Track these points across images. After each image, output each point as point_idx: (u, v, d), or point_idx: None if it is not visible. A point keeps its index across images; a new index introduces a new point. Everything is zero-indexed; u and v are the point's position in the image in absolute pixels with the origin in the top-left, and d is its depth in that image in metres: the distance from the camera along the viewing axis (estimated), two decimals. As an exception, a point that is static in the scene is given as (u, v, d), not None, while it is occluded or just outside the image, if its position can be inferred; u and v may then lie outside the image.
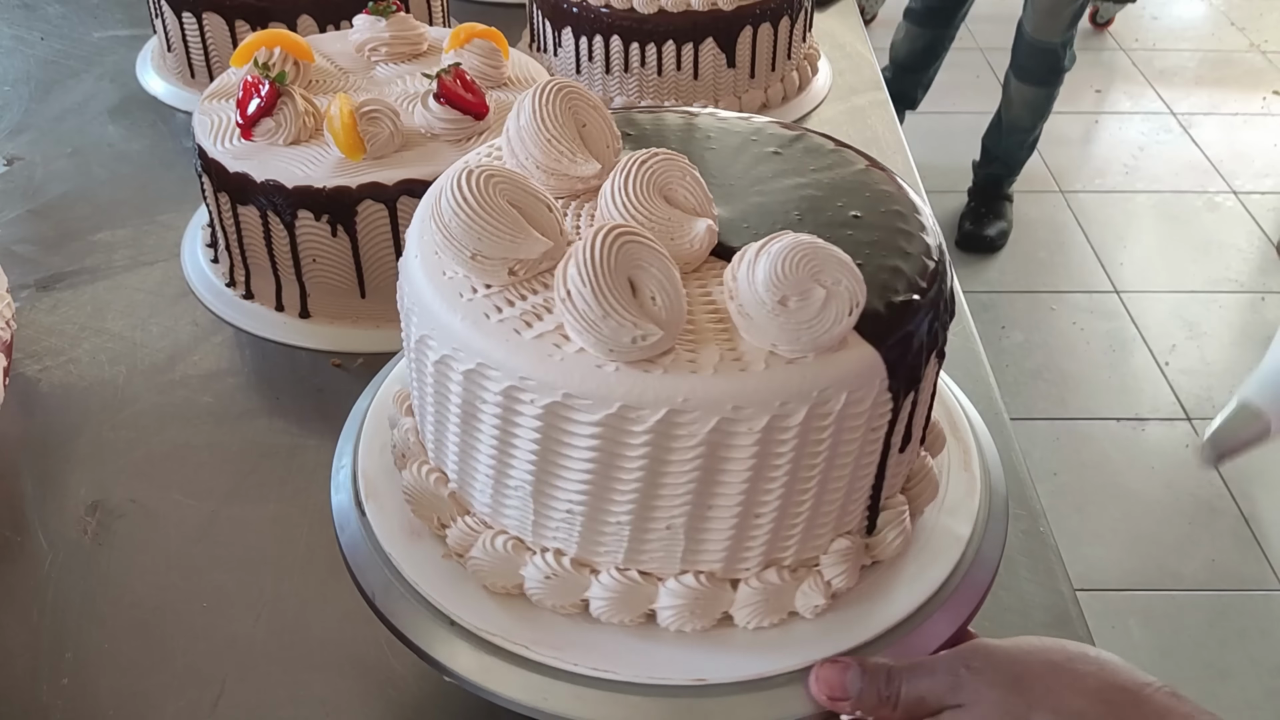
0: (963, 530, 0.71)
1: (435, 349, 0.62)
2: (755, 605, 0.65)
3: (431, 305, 0.62)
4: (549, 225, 0.62)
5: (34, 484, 0.95)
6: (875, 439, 0.63)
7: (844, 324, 0.58)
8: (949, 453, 0.76)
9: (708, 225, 0.63)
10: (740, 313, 0.58)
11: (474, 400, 0.61)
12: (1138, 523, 2.27)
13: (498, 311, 0.60)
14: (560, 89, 0.68)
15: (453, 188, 0.60)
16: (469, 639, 0.65)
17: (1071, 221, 3.14)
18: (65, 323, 1.12)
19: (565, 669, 0.63)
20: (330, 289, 1.05)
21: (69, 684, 0.79)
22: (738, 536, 0.63)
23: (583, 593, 0.65)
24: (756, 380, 0.57)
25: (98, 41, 1.64)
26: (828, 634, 0.65)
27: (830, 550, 0.66)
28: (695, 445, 0.58)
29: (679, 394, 0.56)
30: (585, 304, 0.56)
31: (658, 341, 0.57)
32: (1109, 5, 4.12)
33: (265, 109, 1.01)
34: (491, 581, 0.67)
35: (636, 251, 0.57)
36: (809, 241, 0.57)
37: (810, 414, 0.58)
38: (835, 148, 0.75)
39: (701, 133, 0.76)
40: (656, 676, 0.63)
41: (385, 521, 0.71)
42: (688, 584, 0.64)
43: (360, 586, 0.69)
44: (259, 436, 1.00)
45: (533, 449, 0.60)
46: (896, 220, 0.68)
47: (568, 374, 0.57)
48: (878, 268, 0.63)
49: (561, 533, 0.64)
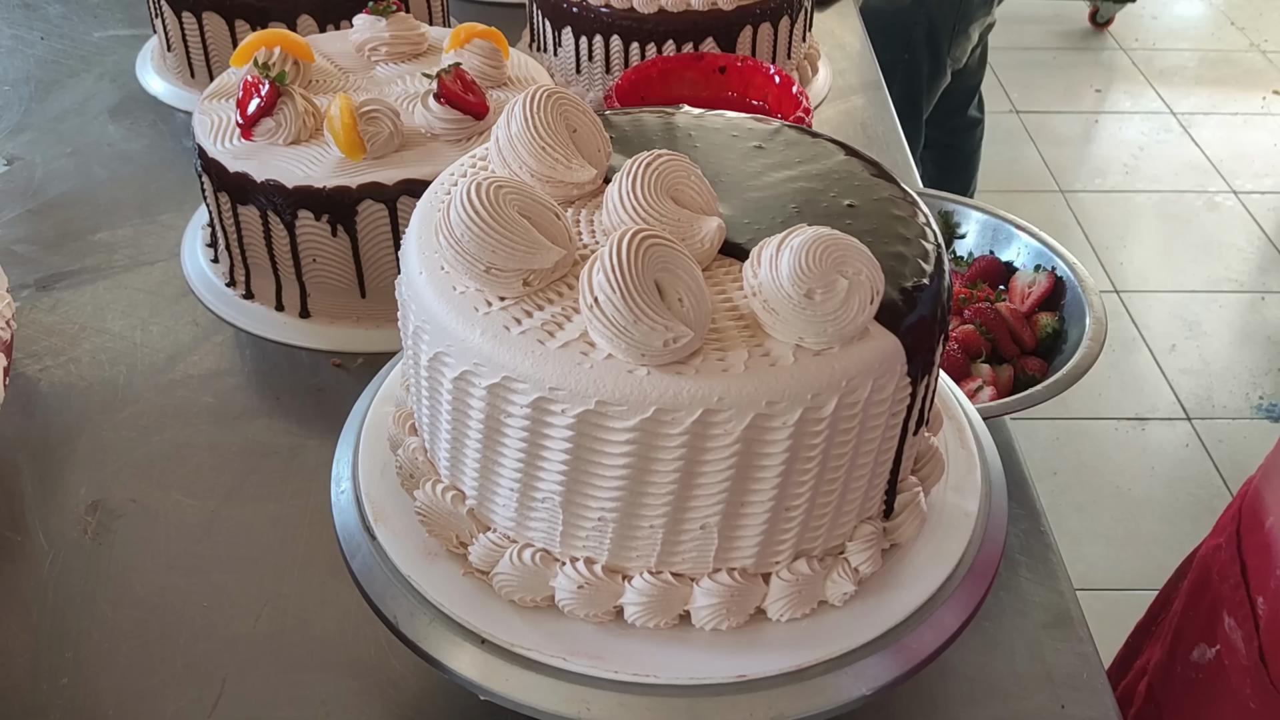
0: (970, 506, 0.73)
1: (453, 365, 0.61)
2: (788, 597, 0.65)
3: (446, 322, 0.61)
4: (559, 233, 0.62)
5: (34, 484, 0.95)
6: (896, 423, 0.64)
7: (867, 313, 0.58)
8: (946, 431, 0.78)
9: (718, 223, 0.63)
10: (766, 308, 0.59)
11: (498, 414, 0.61)
12: (1138, 523, 2.27)
13: (518, 323, 0.59)
14: (550, 95, 0.67)
15: (462, 201, 0.60)
16: (503, 656, 0.64)
17: (1072, 221, 3.14)
18: (65, 323, 1.12)
19: (606, 677, 0.63)
20: (330, 289, 1.05)
21: (69, 684, 0.79)
22: (770, 530, 0.63)
23: (616, 599, 0.65)
24: (788, 375, 0.57)
25: (98, 41, 1.64)
26: (858, 620, 0.66)
27: (855, 536, 0.67)
28: (731, 444, 0.58)
29: (713, 394, 0.57)
30: (615, 310, 0.56)
31: (688, 343, 0.57)
32: (1109, 5, 4.12)
33: (265, 109, 1.01)
34: (520, 596, 0.66)
35: (662, 254, 0.57)
36: (828, 234, 0.58)
37: (840, 404, 0.59)
38: (813, 139, 0.76)
39: (683, 131, 0.76)
40: (698, 677, 0.63)
41: (399, 544, 0.70)
42: (722, 582, 0.64)
43: (380, 612, 0.68)
44: (259, 436, 1.00)
45: (564, 459, 0.60)
46: (890, 207, 0.69)
47: (599, 381, 0.57)
48: (883, 255, 0.63)
49: (593, 541, 0.64)
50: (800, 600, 0.66)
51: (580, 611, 0.66)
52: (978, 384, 1.04)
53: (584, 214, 0.68)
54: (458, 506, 0.68)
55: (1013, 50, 3.90)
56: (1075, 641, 0.84)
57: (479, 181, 0.60)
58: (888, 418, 0.62)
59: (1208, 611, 0.90)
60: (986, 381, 1.04)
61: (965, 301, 1.12)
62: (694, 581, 0.65)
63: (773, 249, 0.58)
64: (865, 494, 0.66)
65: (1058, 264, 1.12)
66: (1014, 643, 0.84)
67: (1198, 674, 0.91)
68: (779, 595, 0.65)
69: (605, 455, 0.59)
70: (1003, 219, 1.19)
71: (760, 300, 0.59)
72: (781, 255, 0.58)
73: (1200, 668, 0.91)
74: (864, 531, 0.67)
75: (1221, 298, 2.89)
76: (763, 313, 0.59)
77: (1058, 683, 0.81)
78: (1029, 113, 3.66)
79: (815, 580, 0.66)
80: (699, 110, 0.79)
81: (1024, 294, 1.12)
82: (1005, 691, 0.81)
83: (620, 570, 0.65)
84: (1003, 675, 0.82)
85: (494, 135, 0.69)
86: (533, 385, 0.58)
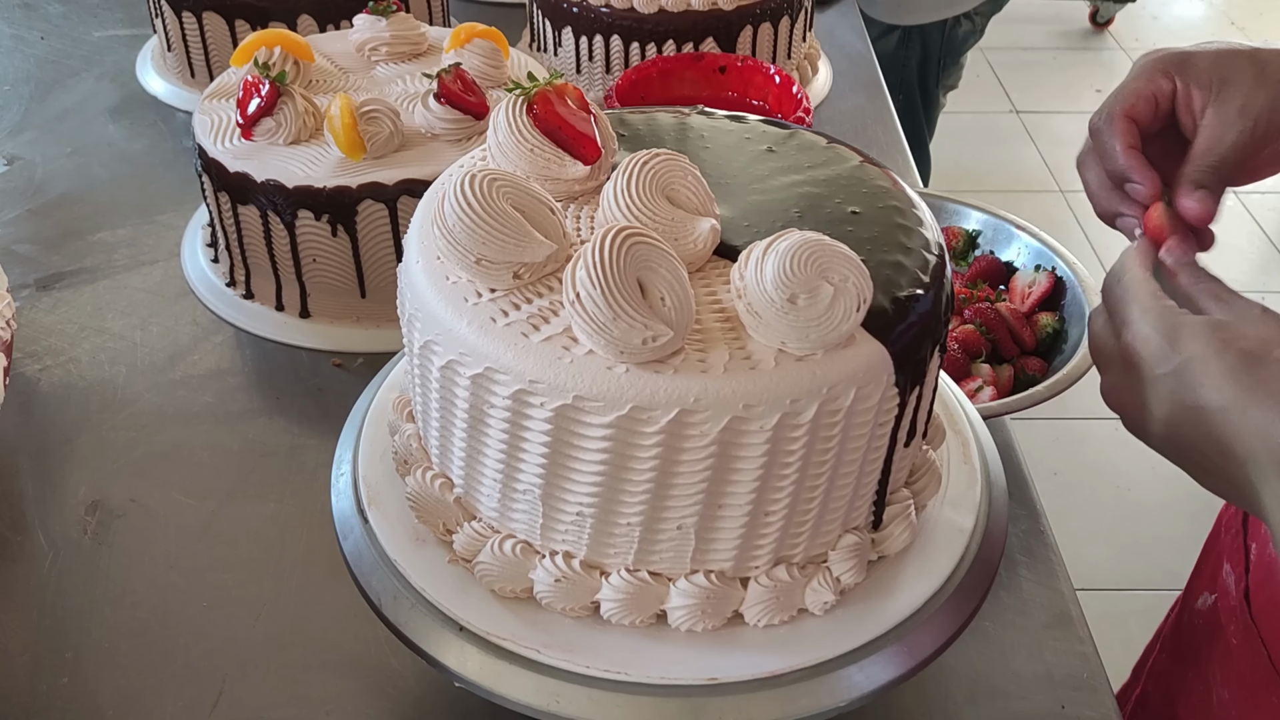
0: (965, 523, 0.72)
1: (441, 354, 0.62)
2: (766, 603, 0.65)
3: (436, 311, 0.62)
4: (552, 228, 0.62)
5: (34, 484, 0.95)
6: (882, 434, 0.63)
7: (852, 320, 0.58)
8: (948, 445, 0.77)
9: (711, 225, 0.63)
10: (749, 311, 0.58)
11: (482, 404, 0.61)
12: (1138, 523, 2.27)
13: (504, 315, 0.60)
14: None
15: (456, 192, 0.60)
16: (479, 644, 0.65)
17: (1072, 221, 3.14)
18: (65, 323, 1.12)
19: (578, 671, 0.63)
20: (330, 289, 1.05)
21: (69, 684, 0.79)
22: (748, 535, 0.63)
23: (593, 595, 0.65)
24: (767, 378, 0.57)
25: (98, 41, 1.64)
26: (838, 630, 0.66)
27: (839, 546, 0.66)
28: (707, 445, 0.58)
29: (690, 394, 0.57)
30: (595, 306, 0.56)
31: (668, 342, 0.57)
32: (1109, 5, 4.12)
33: (265, 109, 1.01)
34: (500, 586, 0.67)
35: (645, 253, 0.57)
36: (816, 239, 0.57)
37: (820, 411, 0.58)
38: (828, 144, 0.75)
39: (695, 132, 0.76)
40: (669, 677, 0.63)
41: (389, 528, 0.71)
42: (698, 583, 0.64)
43: (366, 594, 0.69)
44: (259, 436, 1.00)
45: (543, 452, 0.60)
46: (895, 216, 0.68)
47: (578, 376, 0.57)
48: (880, 263, 0.63)
49: (571, 535, 0.64)
50: (778, 607, 0.65)
51: (558, 605, 0.66)
52: (978, 384, 1.04)
53: (585, 211, 0.68)
54: (445, 494, 0.68)
55: (1013, 50, 3.90)
56: (1075, 641, 0.84)
57: (473, 173, 0.61)
58: (874, 427, 0.62)
59: (1214, 562, 0.91)
60: (986, 381, 1.04)
61: (965, 301, 1.12)
62: (671, 581, 0.65)
63: (759, 252, 0.58)
64: (850, 503, 0.65)
65: (1058, 264, 1.12)
66: (1014, 643, 0.84)
67: (1198, 620, 0.93)
68: (756, 600, 0.65)
69: (583, 450, 0.59)
70: (1003, 219, 1.19)
71: (744, 303, 0.59)
72: (767, 259, 0.57)
73: (1201, 614, 0.92)
74: (848, 541, 0.66)
75: (1221, 298, 2.89)
76: (746, 315, 0.59)
77: (1058, 683, 0.81)
78: (1029, 113, 3.66)
79: (794, 588, 0.65)
80: (717, 111, 0.78)
81: (1024, 294, 1.12)
82: (1005, 691, 0.81)
83: (598, 566, 0.65)
84: (1003, 675, 0.82)
85: (486, 138, 0.69)
86: (514, 377, 0.59)
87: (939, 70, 2.14)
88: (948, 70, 2.17)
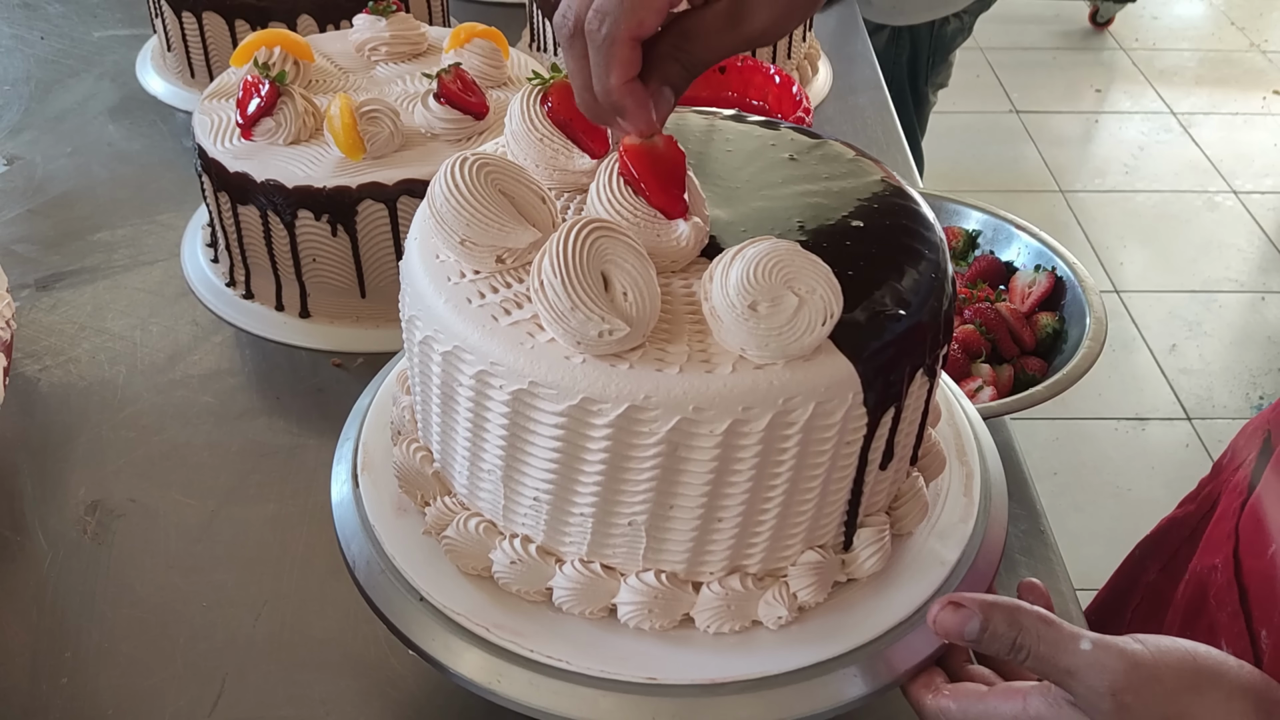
0: (950, 555, 0.70)
1: (421, 329, 0.63)
2: (716, 610, 0.65)
3: (420, 286, 0.63)
4: (540, 216, 0.62)
5: (34, 484, 0.95)
6: (849, 453, 0.62)
7: (816, 333, 0.57)
8: (950, 475, 0.75)
9: (694, 224, 0.62)
10: (712, 314, 0.58)
11: (451, 382, 0.62)
12: (1138, 523, 2.26)
13: (480, 297, 0.61)
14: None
15: (447, 174, 0.62)
16: (434, 615, 0.66)
17: (1072, 221, 3.15)
18: (65, 323, 1.12)
19: (521, 654, 0.64)
20: (330, 289, 1.05)
21: (69, 684, 0.79)
22: (699, 539, 0.62)
23: (547, 581, 0.66)
24: (720, 382, 0.57)
25: (98, 41, 1.64)
26: (791, 646, 0.64)
27: (799, 562, 0.65)
28: (656, 443, 0.58)
29: (641, 391, 0.57)
30: (555, 295, 0.56)
31: (625, 337, 0.56)
32: (1109, 5, 4.12)
33: (265, 109, 1.01)
34: (463, 562, 0.68)
35: (609, 246, 0.57)
36: (786, 248, 0.57)
37: (775, 421, 0.57)
38: (855, 157, 0.73)
39: (721, 135, 0.75)
40: (610, 671, 0.63)
41: (376, 495, 0.72)
42: (649, 582, 0.64)
43: (344, 556, 0.71)
44: (259, 436, 1.00)
45: (502, 434, 0.61)
46: (902, 235, 0.66)
47: (535, 363, 0.58)
48: (869, 280, 0.61)
49: (529, 520, 0.65)
50: (729, 615, 0.65)
51: (514, 587, 0.66)
52: (978, 384, 1.04)
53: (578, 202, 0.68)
54: (425, 467, 0.69)
55: (1013, 50, 3.90)
56: (1075, 641, 0.84)
57: (465, 156, 0.62)
58: (838, 445, 0.60)
59: (1204, 638, 0.89)
60: (986, 381, 1.04)
61: (965, 301, 1.12)
62: (623, 577, 0.65)
63: (729, 257, 0.58)
64: (814, 520, 0.64)
65: (1058, 264, 1.12)
66: (1014, 643, 0.83)
67: None
68: (707, 606, 0.65)
69: (537, 437, 0.60)
70: (1003, 219, 1.19)
71: (709, 306, 0.58)
72: (734, 263, 0.57)
73: None
74: (810, 559, 0.65)
75: (1221, 298, 2.89)
76: (710, 318, 0.58)
77: (1058, 683, 0.81)
78: (1029, 113, 3.66)
79: (748, 599, 0.64)
80: (751, 117, 0.78)
81: (1024, 294, 1.12)
82: (1005, 691, 0.80)
83: (554, 553, 0.66)
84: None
85: (506, 116, 0.70)
86: (478, 357, 0.59)
87: (929, 68, 2.15)
88: (937, 68, 2.19)
